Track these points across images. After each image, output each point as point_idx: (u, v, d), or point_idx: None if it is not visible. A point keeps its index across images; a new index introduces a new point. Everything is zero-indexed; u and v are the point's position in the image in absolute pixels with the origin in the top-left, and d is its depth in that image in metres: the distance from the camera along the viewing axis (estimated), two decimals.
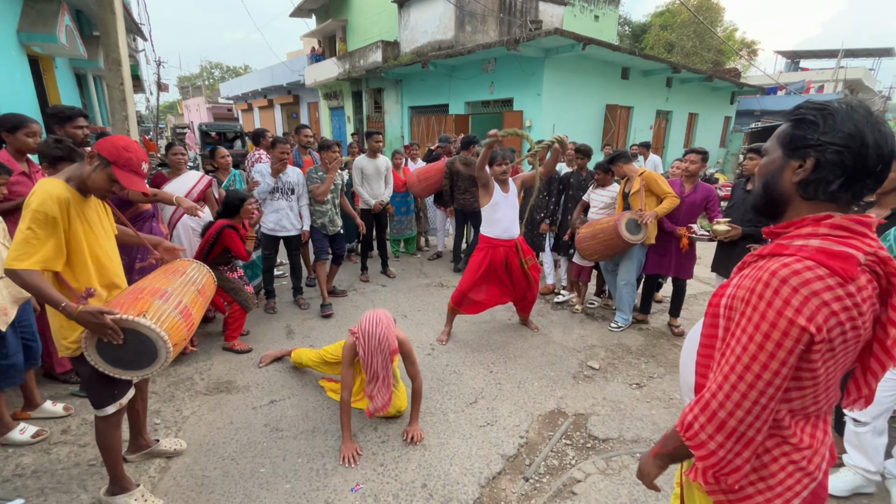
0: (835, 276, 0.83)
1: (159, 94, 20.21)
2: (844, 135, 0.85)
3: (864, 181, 0.87)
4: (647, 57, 11.94)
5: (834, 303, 0.82)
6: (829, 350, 0.86)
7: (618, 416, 2.77)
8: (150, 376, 1.81)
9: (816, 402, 0.95)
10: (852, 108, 0.87)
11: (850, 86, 26.34)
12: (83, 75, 9.85)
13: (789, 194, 0.95)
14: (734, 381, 0.89)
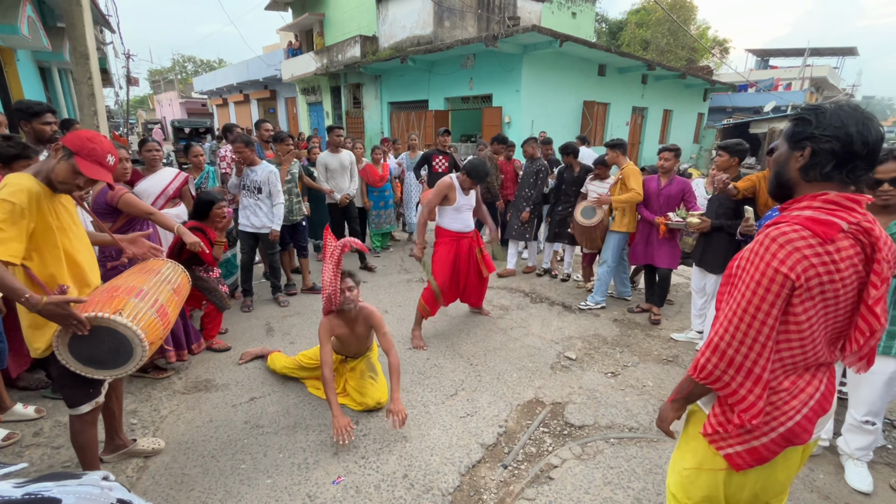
0: (816, 237, 1.03)
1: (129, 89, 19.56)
2: (833, 128, 1.06)
3: (855, 163, 1.06)
4: (623, 54, 12.17)
5: (813, 257, 1.02)
6: (809, 298, 1.06)
7: (593, 404, 2.86)
8: (123, 375, 1.78)
9: (804, 354, 1.13)
10: (840, 107, 1.08)
11: (815, 83, 27.33)
12: (47, 68, 9.48)
13: (795, 179, 1.16)
14: (736, 322, 1.10)
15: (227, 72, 25.75)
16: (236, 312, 4.13)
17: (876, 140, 1.05)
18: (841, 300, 1.08)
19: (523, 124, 11.06)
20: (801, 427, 1.15)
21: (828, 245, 1.03)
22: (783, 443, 1.17)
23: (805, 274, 1.03)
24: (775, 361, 1.13)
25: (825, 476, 2.28)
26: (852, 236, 1.05)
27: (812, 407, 1.16)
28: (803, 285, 1.03)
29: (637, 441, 2.52)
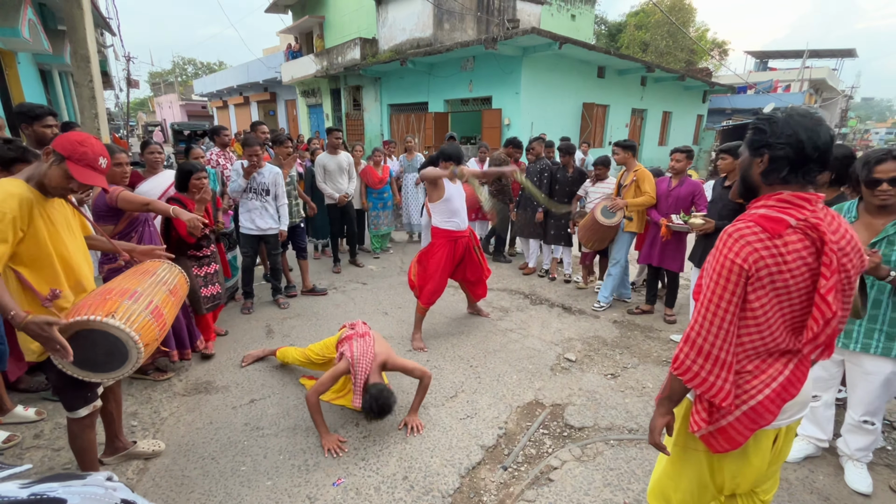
0: (765, 232, 1.16)
1: (129, 91, 19.59)
2: (785, 136, 1.17)
3: (809, 165, 1.18)
4: (622, 56, 12.20)
5: (762, 250, 1.15)
6: (761, 287, 1.17)
7: (593, 406, 2.86)
8: (120, 378, 1.77)
9: (763, 341, 1.24)
10: (791, 116, 1.19)
11: (814, 85, 27.40)
12: (48, 71, 9.51)
13: (758, 182, 1.27)
14: (704, 313, 1.22)
15: (227, 74, 25.79)
16: (237, 314, 4.13)
17: (825, 143, 1.16)
18: (793, 290, 1.18)
19: (523, 126, 11.08)
20: (764, 407, 1.24)
21: (776, 239, 1.15)
22: (749, 423, 1.25)
23: (756, 265, 1.15)
24: (737, 346, 1.25)
25: (825, 477, 2.28)
26: (801, 231, 1.16)
27: (775, 389, 1.24)
28: (754, 275, 1.16)
29: (637, 443, 2.52)
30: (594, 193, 4.67)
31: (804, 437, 2.40)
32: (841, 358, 2.16)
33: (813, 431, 2.36)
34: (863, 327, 2.03)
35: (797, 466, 2.35)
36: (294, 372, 3.18)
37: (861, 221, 2.03)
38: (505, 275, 5.43)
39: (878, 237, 1.95)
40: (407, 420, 2.61)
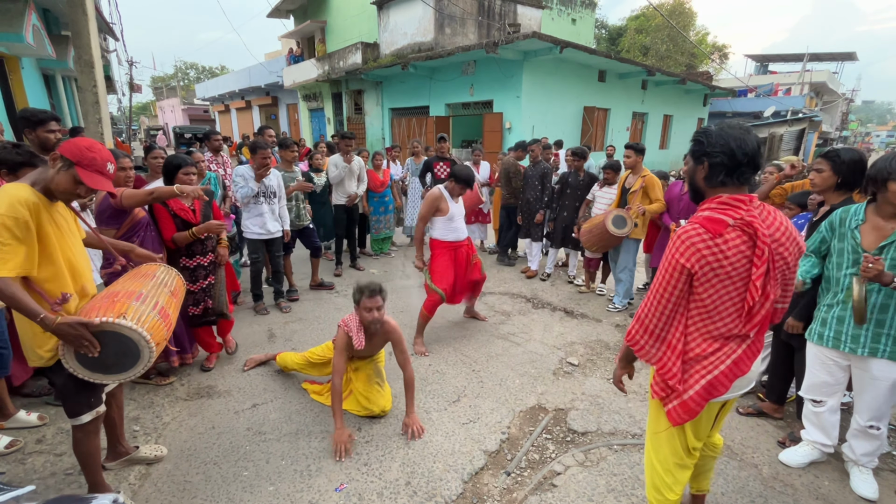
0: (708, 233, 1.37)
1: (132, 95, 19.68)
2: (719, 146, 1.39)
3: (741, 169, 1.39)
4: (623, 60, 12.25)
5: (704, 250, 1.36)
6: (706, 281, 1.39)
7: (596, 410, 2.85)
8: (130, 379, 1.78)
9: (714, 324, 1.46)
10: (723, 128, 1.42)
11: (815, 88, 27.45)
12: (51, 76, 9.56)
13: (702, 186, 1.49)
14: (653, 299, 1.48)
15: (229, 78, 25.92)
16: (239, 318, 4.13)
17: (753, 150, 1.38)
18: (736, 279, 1.39)
19: (524, 130, 11.10)
20: (719, 381, 1.47)
21: (717, 238, 1.36)
22: (706, 395, 1.48)
23: (698, 263, 1.38)
24: (690, 327, 1.49)
25: (830, 483, 2.26)
26: (739, 228, 1.36)
27: (728, 366, 1.47)
28: (699, 272, 1.38)
29: (641, 448, 2.51)
30: (602, 198, 4.68)
31: (809, 443, 2.38)
32: (847, 363, 2.15)
33: (818, 437, 2.34)
34: (870, 332, 2.02)
35: (802, 472, 2.34)
36: (296, 377, 3.17)
37: (869, 224, 2.02)
38: (507, 279, 5.43)
39: (887, 241, 1.94)
40: (406, 422, 2.59)
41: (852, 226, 2.06)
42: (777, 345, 2.73)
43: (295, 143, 4.77)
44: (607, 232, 4.08)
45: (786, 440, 2.55)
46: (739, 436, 2.63)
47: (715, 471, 2.32)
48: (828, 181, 2.33)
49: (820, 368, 2.23)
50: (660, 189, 4.10)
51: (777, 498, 2.17)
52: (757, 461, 2.42)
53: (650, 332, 1.51)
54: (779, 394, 2.78)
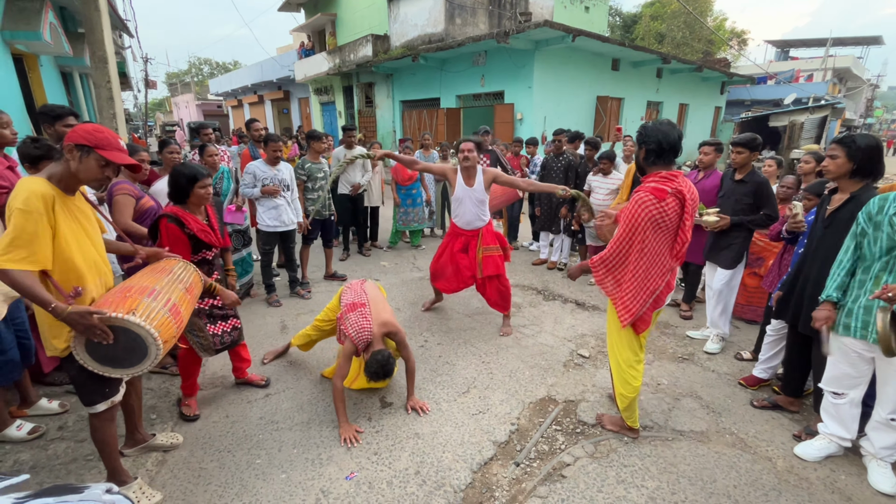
0: (656, 197, 2.02)
1: (147, 92, 19.98)
2: (651, 137, 2.07)
3: (667, 155, 2.08)
4: (637, 48, 11.99)
5: (653, 209, 2.02)
6: (653, 229, 2.06)
7: (607, 403, 2.83)
8: (139, 374, 1.80)
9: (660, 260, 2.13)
10: (655, 124, 2.09)
11: (838, 74, 26.57)
12: (69, 73, 9.74)
13: (643, 165, 2.17)
14: (617, 245, 2.16)
15: (241, 73, 26.10)
16: (252, 311, 4.19)
17: (675, 140, 2.06)
18: (671, 229, 2.08)
19: (535, 121, 10.98)
20: (661, 298, 2.23)
21: (661, 202, 2.02)
22: (654, 306, 2.23)
23: (651, 219, 2.04)
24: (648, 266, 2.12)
25: (847, 477, 2.22)
26: (673, 195, 2.03)
27: (664, 287, 2.19)
28: (650, 226, 2.05)
29: (651, 440, 2.49)
30: (600, 187, 4.70)
31: (826, 436, 2.33)
32: (872, 355, 2.08)
33: (836, 430, 2.28)
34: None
35: (817, 465, 2.29)
36: (307, 367, 3.21)
37: None
38: (518, 270, 5.40)
39: None
40: (410, 405, 2.72)
41: (891, 212, 1.96)
42: (793, 337, 2.66)
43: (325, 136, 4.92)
44: None
45: (801, 434, 2.50)
46: (753, 429, 2.59)
47: (728, 463, 2.30)
48: (842, 168, 2.24)
49: (843, 360, 2.17)
50: None
51: (791, 492, 2.13)
52: (771, 454, 2.38)
53: (607, 266, 2.23)
54: (795, 387, 2.72)
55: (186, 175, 2.38)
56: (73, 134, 1.65)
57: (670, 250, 2.11)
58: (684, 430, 2.57)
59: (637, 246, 2.08)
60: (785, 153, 13.97)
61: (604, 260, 2.21)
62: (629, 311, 2.18)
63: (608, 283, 2.24)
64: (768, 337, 2.98)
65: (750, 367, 3.22)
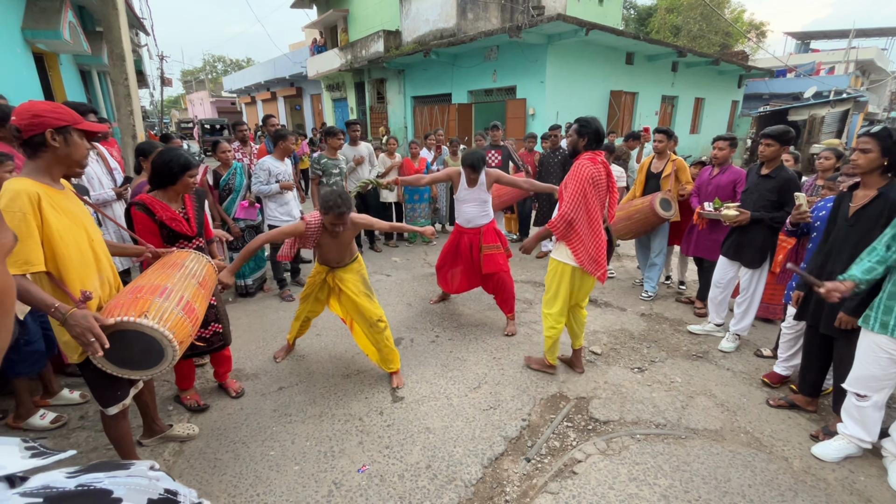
0: (591, 161, 2.66)
1: (163, 89, 20.27)
2: (587, 129, 2.68)
3: (598, 142, 2.70)
4: (651, 41, 11.79)
5: (594, 171, 2.62)
6: (592, 188, 2.62)
7: (619, 399, 2.81)
8: (158, 374, 1.78)
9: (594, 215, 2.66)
10: (590, 120, 2.70)
11: (861, 66, 25.81)
12: (87, 71, 9.92)
13: (581, 149, 2.72)
14: (571, 202, 2.63)
15: (254, 70, 26.33)
16: (265, 305, 4.24)
17: (602, 132, 2.68)
18: (602, 192, 2.68)
19: (548, 116, 10.88)
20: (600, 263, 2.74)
21: (596, 167, 2.64)
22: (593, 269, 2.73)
23: (591, 177, 2.60)
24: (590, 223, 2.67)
25: (866, 478, 2.17)
26: (603, 165, 2.70)
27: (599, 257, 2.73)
28: (590, 185, 2.60)
29: (664, 438, 2.47)
30: None
31: (845, 437, 2.28)
32: None
33: (856, 431, 2.23)
34: None
35: (835, 466, 2.25)
36: (320, 361, 3.25)
37: None
38: (529, 266, 5.38)
39: None
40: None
41: None
42: (811, 336, 2.61)
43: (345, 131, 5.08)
44: (653, 217, 4.01)
45: (819, 434, 2.45)
46: (769, 428, 2.55)
47: (742, 463, 2.27)
48: (874, 163, 2.16)
49: (872, 361, 2.10)
50: (689, 172, 4.12)
51: (808, 492, 2.10)
52: (787, 454, 2.35)
53: (568, 222, 2.65)
54: (812, 386, 2.67)
55: (180, 163, 2.26)
56: (38, 120, 1.53)
57: (600, 211, 2.69)
58: (698, 429, 2.55)
59: (582, 202, 2.61)
60: (804, 148, 13.63)
61: (563, 216, 2.63)
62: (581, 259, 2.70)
63: (571, 237, 2.69)
64: (784, 336, 2.93)
65: (767, 364, 3.16)
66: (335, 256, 2.83)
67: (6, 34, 5.23)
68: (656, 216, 4.00)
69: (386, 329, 2.88)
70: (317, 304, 3.07)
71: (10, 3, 5.34)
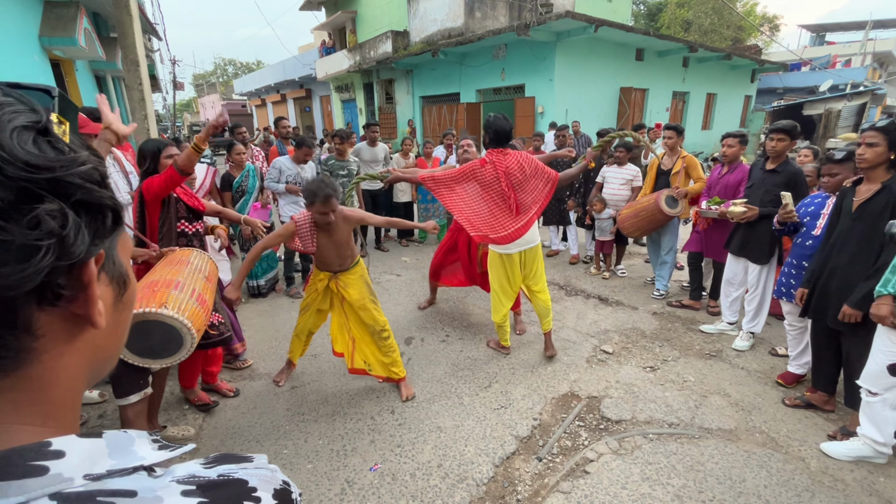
0: (480, 163, 2.81)
1: (175, 93, 20.54)
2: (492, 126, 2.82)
3: (497, 142, 2.80)
4: (662, 37, 11.66)
5: (475, 166, 2.81)
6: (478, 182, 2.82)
7: (631, 399, 2.80)
8: (176, 363, 1.90)
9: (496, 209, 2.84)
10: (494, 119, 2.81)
11: (879, 58, 25.23)
12: (102, 76, 10.10)
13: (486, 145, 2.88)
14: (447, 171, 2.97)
15: (264, 73, 26.57)
16: (277, 306, 4.29)
17: (505, 132, 2.78)
18: (493, 188, 2.79)
19: (557, 114, 10.81)
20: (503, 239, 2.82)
21: (483, 166, 2.78)
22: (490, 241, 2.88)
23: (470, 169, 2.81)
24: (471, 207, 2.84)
25: (886, 479, 2.13)
26: (491, 164, 2.77)
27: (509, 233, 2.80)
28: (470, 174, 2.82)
29: (677, 437, 2.45)
30: (614, 179, 4.67)
31: (861, 437, 2.23)
32: None
33: (870, 431, 2.17)
34: None
35: (854, 467, 2.21)
36: (332, 361, 3.27)
37: None
38: None
39: None
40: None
41: None
42: (818, 331, 2.57)
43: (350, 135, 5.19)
44: (659, 214, 3.94)
45: (837, 434, 2.41)
46: (785, 428, 2.51)
47: (758, 463, 2.24)
48: (881, 157, 2.14)
49: (886, 357, 2.06)
50: (700, 168, 4.03)
51: (826, 493, 2.06)
52: (804, 454, 2.31)
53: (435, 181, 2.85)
54: (826, 380, 2.61)
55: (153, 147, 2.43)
56: None
57: (504, 206, 2.79)
58: (712, 428, 2.52)
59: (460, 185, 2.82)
60: (820, 143, 13.36)
61: (434, 178, 2.87)
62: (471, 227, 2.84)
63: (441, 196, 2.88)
64: (790, 333, 2.89)
65: (782, 363, 3.12)
66: (335, 258, 2.68)
67: (24, 42, 5.35)
68: (662, 213, 3.94)
69: (390, 338, 2.78)
70: (319, 317, 2.87)
71: (28, 12, 5.46)
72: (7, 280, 0.28)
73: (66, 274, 0.32)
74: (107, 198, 0.34)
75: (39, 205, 0.29)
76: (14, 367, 0.32)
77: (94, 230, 0.33)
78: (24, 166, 0.29)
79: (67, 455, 0.31)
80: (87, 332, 0.36)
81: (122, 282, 0.40)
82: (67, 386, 0.36)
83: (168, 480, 0.34)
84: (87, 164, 0.33)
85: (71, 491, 0.29)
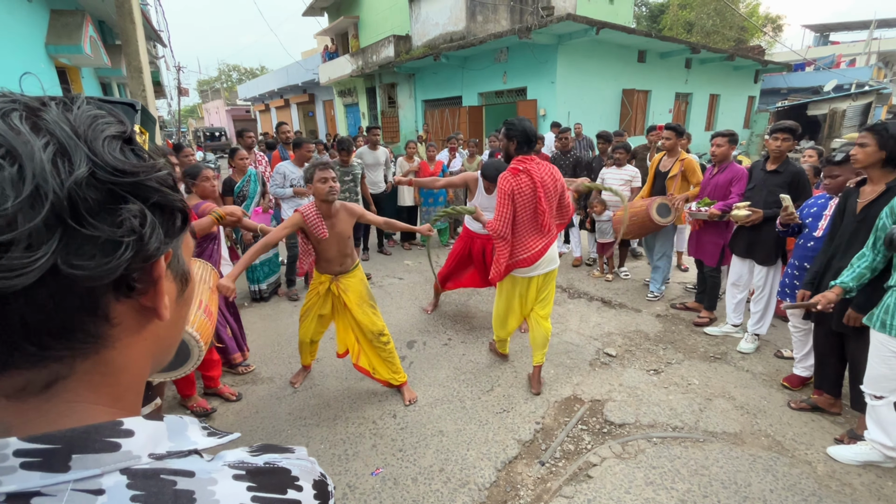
0: (512, 173, 2.54)
1: (180, 99, 20.70)
2: (517, 131, 2.58)
3: (528, 145, 2.60)
4: (664, 38, 11.64)
5: (513, 181, 2.52)
6: (519, 197, 2.53)
7: (634, 402, 2.77)
8: (184, 375, 1.88)
9: (525, 227, 2.60)
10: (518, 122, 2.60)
11: (884, 58, 25.07)
12: (107, 83, 10.20)
13: (512, 154, 2.64)
14: (499, 215, 2.55)
15: (268, 78, 26.74)
16: (280, 309, 4.30)
17: (533, 133, 2.60)
18: (529, 202, 2.56)
19: (559, 116, 10.80)
20: (525, 261, 2.64)
21: (517, 176, 2.53)
22: (512, 266, 2.68)
23: (511, 188, 2.51)
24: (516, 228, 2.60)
25: (894, 484, 2.10)
26: (525, 173, 2.53)
27: (533, 253, 2.62)
28: (512, 193, 2.51)
29: (682, 441, 2.42)
30: (612, 180, 4.63)
31: (868, 441, 2.20)
32: None
33: (877, 435, 2.14)
34: None
35: (862, 471, 2.18)
36: (334, 365, 3.27)
37: None
38: None
39: None
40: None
41: None
42: (821, 334, 2.54)
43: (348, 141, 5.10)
44: (650, 221, 3.87)
45: (844, 438, 2.38)
46: (791, 431, 2.48)
47: (763, 467, 2.21)
48: (872, 157, 2.15)
49: (880, 361, 2.05)
50: (700, 172, 3.92)
51: (833, 497, 2.04)
52: (811, 458, 2.28)
53: (499, 236, 2.58)
54: (830, 382, 2.58)
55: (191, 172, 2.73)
56: None
57: (533, 221, 2.60)
58: (716, 432, 2.49)
59: (510, 214, 2.55)
60: (825, 143, 13.28)
61: (494, 230, 2.57)
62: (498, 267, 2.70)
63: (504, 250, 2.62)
64: (795, 334, 2.86)
65: (788, 365, 3.09)
66: (336, 255, 2.64)
67: (31, 50, 5.41)
68: (652, 221, 3.86)
69: (389, 343, 2.75)
70: (320, 323, 2.84)
71: (35, 21, 5.53)
72: (93, 272, 0.31)
73: (140, 269, 0.35)
74: (178, 201, 0.38)
75: (124, 205, 0.33)
76: (94, 351, 0.35)
77: (166, 230, 0.36)
78: (112, 171, 0.32)
79: (136, 434, 0.34)
80: (153, 324, 0.39)
81: (184, 279, 0.43)
82: (135, 372, 0.39)
83: (220, 464, 0.38)
84: (163, 170, 0.37)
85: (139, 468, 0.33)
